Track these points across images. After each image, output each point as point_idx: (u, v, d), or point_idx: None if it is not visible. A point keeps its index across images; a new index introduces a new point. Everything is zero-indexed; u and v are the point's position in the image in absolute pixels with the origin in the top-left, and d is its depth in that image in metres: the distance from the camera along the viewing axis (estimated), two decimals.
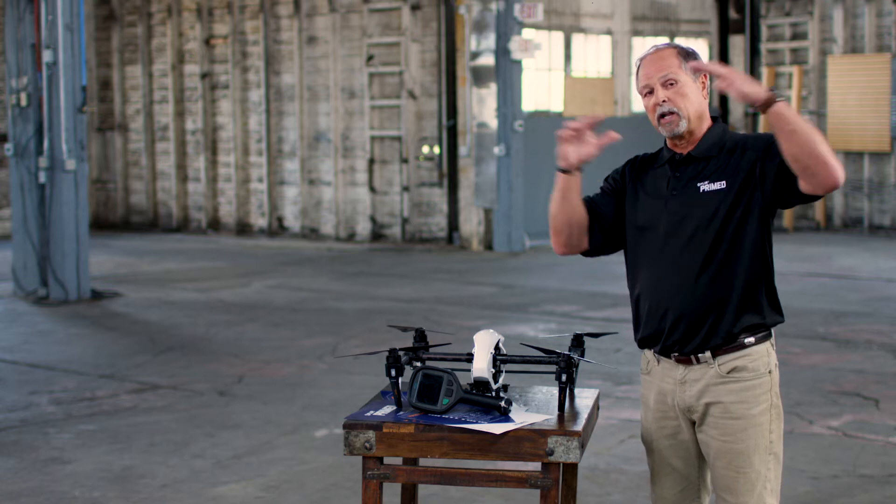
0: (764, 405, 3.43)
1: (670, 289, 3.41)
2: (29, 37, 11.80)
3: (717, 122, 3.48)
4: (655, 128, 3.45)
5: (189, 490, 5.77)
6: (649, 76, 3.40)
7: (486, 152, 15.59)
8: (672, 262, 3.42)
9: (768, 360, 3.47)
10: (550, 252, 15.30)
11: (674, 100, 3.37)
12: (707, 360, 3.41)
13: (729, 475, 3.42)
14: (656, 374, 3.51)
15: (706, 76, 3.43)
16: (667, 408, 3.49)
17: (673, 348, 3.43)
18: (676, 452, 3.52)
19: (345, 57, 17.25)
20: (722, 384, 3.41)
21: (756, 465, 3.41)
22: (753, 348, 3.43)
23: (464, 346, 3.69)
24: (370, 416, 3.27)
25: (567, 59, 17.89)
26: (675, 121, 3.39)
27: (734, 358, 3.41)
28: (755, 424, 3.41)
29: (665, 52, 3.42)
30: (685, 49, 3.45)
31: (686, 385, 3.44)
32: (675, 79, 3.37)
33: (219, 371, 8.46)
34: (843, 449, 6.33)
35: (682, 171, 3.44)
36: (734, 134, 3.47)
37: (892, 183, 17.33)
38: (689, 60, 3.40)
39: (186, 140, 19.19)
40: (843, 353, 8.89)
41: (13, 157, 12.04)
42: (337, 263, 14.89)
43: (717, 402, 3.41)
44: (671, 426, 3.50)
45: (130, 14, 19.63)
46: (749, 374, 3.42)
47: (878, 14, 17.40)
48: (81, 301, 11.67)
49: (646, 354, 3.55)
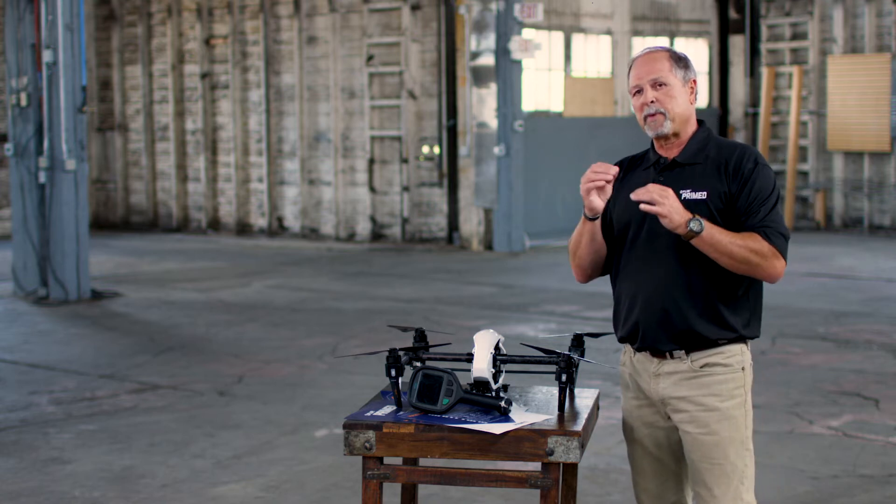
0: (738, 399, 3.48)
1: (647, 288, 3.47)
2: (29, 37, 11.80)
3: (703, 126, 3.55)
4: (641, 127, 3.52)
5: (189, 490, 5.77)
6: (640, 77, 3.48)
7: (486, 152, 15.59)
8: (650, 263, 3.48)
9: (742, 357, 3.51)
10: (550, 252, 15.32)
11: (661, 101, 3.46)
12: (680, 356, 3.47)
13: (704, 468, 3.46)
14: (632, 365, 3.58)
15: (695, 81, 3.52)
16: (644, 397, 3.56)
17: (647, 344, 3.50)
18: (654, 441, 3.57)
19: (345, 57, 17.26)
20: (694, 378, 3.47)
21: (731, 457, 3.45)
22: (727, 346, 3.48)
23: (464, 346, 3.69)
24: (370, 416, 3.27)
25: (567, 59, 17.89)
26: (660, 120, 3.46)
27: (707, 355, 3.47)
28: (729, 417, 3.45)
29: (657, 54, 3.51)
30: (677, 54, 3.53)
31: (660, 378, 3.50)
32: (665, 81, 3.46)
33: (219, 371, 8.46)
34: (843, 449, 6.33)
35: (666, 175, 3.49)
36: (720, 140, 3.53)
37: (892, 183, 17.33)
38: (681, 65, 3.49)
39: (186, 140, 19.19)
40: (843, 353, 8.88)
41: (13, 157, 12.04)
42: (337, 263, 14.89)
43: (688, 395, 3.46)
44: (649, 414, 3.56)
45: (130, 14, 19.63)
46: (722, 370, 3.47)
47: (878, 14, 17.40)
48: (81, 301, 11.67)
49: (625, 345, 3.63)
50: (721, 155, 3.47)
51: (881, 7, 17.37)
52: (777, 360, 8.46)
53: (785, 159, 18.32)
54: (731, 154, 3.46)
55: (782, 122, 18.66)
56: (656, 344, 3.48)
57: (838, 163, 17.88)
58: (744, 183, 3.41)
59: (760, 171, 3.42)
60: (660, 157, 3.54)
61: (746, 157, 3.44)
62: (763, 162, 3.45)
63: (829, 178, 18.00)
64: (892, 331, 9.74)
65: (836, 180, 17.88)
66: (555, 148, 16.81)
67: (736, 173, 3.42)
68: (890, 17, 17.27)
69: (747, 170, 3.42)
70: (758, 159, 3.44)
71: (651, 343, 3.49)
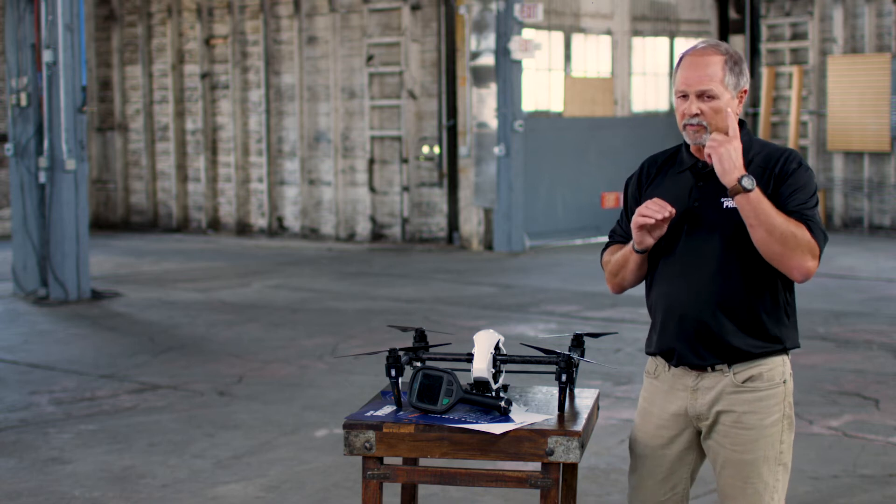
0: (777, 415, 3.37)
1: (686, 301, 3.36)
2: (29, 37, 11.80)
3: (744, 128, 3.37)
4: (680, 131, 3.37)
5: (189, 490, 5.77)
6: (688, 83, 3.30)
7: (486, 152, 15.59)
8: (688, 273, 3.37)
9: (783, 369, 3.41)
10: (550, 252, 15.33)
11: (707, 115, 3.29)
12: (722, 368, 3.37)
13: (736, 485, 3.38)
14: (665, 380, 3.46)
15: (745, 91, 3.35)
16: (667, 415, 3.45)
17: (686, 358, 3.39)
18: (667, 461, 3.47)
19: (345, 57, 17.25)
20: (736, 393, 3.36)
21: (764, 475, 3.36)
22: (769, 358, 3.38)
23: (464, 346, 3.69)
24: (370, 416, 3.27)
25: (567, 59, 17.88)
26: (700, 132, 3.31)
27: (750, 367, 3.36)
28: (766, 435, 3.36)
29: (711, 58, 3.29)
30: (733, 57, 3.32)
31: (698, 392, 3.39)
32: (714, 94, 3.28)
33: (219, 371, 8.46)
34: (843, 449, 6.33)
35: (706, 182, 3.36)
36: (760, 143, 3.40)
37: (892, 183, 17.33)
38: (735, 71, 3.30)
39: (186, 140, 19.19)
40: (843, 353, 8.88)
41: (13, 157, 12.04)
42: (337, 263, 14.89)
43: (729, 410, 3.36)
44: (668, 435, 3.45)
45: (130, 14, 19.63)
46: (764, 384, 3.36)
47: (878, 14, 17.39)
48: (81, 301, 11.67)
49: (655, 358, 3.50)
50: (765, 159, 3.33)
51: (881, 7, 17.37)
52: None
53: None
54: (777, 158, 3.33)
55: (782, 122, 18.66)
56: (697, 359, 3.36)
57: (838, 163, 17.87)
58: (788, 178, 3.29)
59: (804, 172, 3.31)
60: (697, 160, 3.39)
61: (791, 158, 3.33)
62: (806, 165, 3.33)
63: (829, 178, 18.00)
64: (892, 331, 9.74)
65: (836, 180, 17.88)
66: (555, 148, 16.80)
67: (781, 175, 3.30)
68: (890, 17, 17.27)
69: (791, 169, 3.31)
70: (801, 161, 3.33)
71: (692, 358, 3.37)
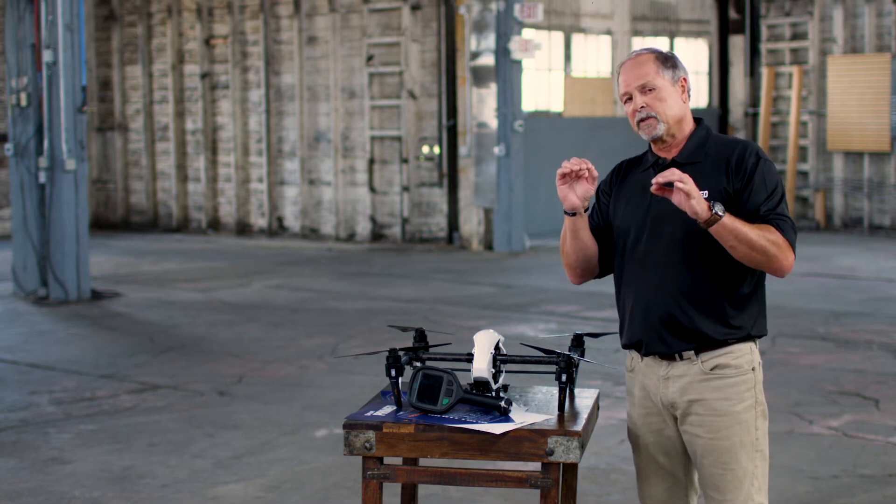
0: (748, 402, 3.44)
1: (651, 291, 3.44)
2: (29, 37, 11.80)
3: (701, 124, 3.51)
4: (636, 132, 3.49)
5: (189, 490, 5.77)
6: (628, 83, 3.46)
7: (486, 152, 15.59)
8: (652, 265, 3.45)
9: (751, 357, 3.47)
10: (550, 252, 15.32)
11: (651, 105, 3.42)
12: (690, 357, 3.43)
13: (716, 473, 3.43)
14: (640, 371, 3.54)
15: (685, 79, 3.48)
16: (651, 404, 3.52)
17: (654, 348, 3.46)
18: (662, 449, 3.54)
19: (345, 57, 17.26)
20: (705, 381, 3.43)
21: (743, 461, 3.42)
22: (736, 346, 3.44)
23: (464, 346, 3.69)
24: (370, 416, 3.27)
25: (567, 59, 17.89)
26: (652, 124, 3.43)
27: (717, 355, 3.43)
28: (740, 421, 3.42)
29: (643, 57, 3.47)
30: (663, 54, 3.49)
31: (669, 381, 3.46)
32: (653, 85, 3.43)
33: (219, 371, 8.46)
34: (843, 449, 6.33)
35: None
36: (719, 137, 3.50)
37: (892, 183, 17.33)
38: (668, 65, 3.45)
39: (186, 140, 19.19)
40: (843, 353, 8.88)
41: (13, 157, 12.04)
42: (337, 263, 14.89)
43: (700, 399, 3.43)
44: (656, 422, 3.52)
45: (130, 14, 19.63)
46: (732, 371, 3.43)
47: (878, 14, 17.40)
48: (81, 301, 11.67)
49: (630, 351, 3.59)
50: (722, 152, 3.43)
51: (881, 7, 17.37)
52: (777, 360, 8.45)
53: (785, 159, 18.31)
54: (732, 150, 3.43)
55: (782, 122, 18.67)
56: (664, 346, 3.44)
57: (838, 163, 17.88)
58: (748, 178, 3.37)
59: (763, 165, 3.39)
60: (658, 157, 3.51)
61: (748, 152, 3.41)
62: (764, 156, 3.41)
63: (829, 178, 18.00)
64: (892, 331, 9.74)
65: (836, 180, 17.88)
66: (555, 148, 16.81)
67: (739, 169, 3.39)
68: (890, 17, 17.27)
69: (750, 164, 3.38)
70: (759, 154, 3.41)
71: (658, 346, 3.45)
